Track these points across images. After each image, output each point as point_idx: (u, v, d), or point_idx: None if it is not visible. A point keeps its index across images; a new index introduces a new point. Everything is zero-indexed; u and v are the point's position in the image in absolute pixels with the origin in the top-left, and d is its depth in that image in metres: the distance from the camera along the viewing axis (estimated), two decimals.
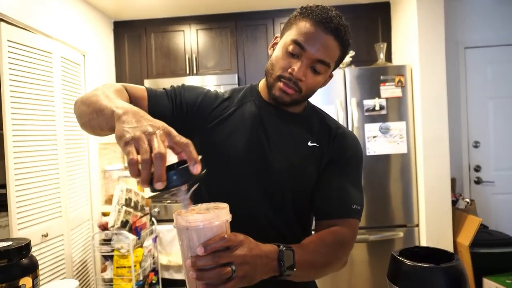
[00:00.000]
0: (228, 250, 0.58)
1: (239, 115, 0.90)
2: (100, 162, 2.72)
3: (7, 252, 0.83)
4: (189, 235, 0.57)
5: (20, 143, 1.89)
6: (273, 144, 0.87)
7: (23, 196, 1.89)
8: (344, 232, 0.82)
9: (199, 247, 0.56)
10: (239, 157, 0.86)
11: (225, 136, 0.87)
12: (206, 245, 0.56)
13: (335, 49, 0.82)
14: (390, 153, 2.43)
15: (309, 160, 0.89)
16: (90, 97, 0.71)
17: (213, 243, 0.57)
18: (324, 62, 0.81)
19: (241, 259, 0.59)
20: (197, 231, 0.57)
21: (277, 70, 0.83)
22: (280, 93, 0.83)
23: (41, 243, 1.98)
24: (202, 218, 0.57)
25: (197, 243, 0.57)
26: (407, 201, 2.44)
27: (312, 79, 0.83)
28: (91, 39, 2.69)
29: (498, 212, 2.91)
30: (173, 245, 2.64)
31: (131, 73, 3.04)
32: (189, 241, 0.58)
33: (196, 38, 3.00)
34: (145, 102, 0.83)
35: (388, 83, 2.44)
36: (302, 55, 0.80)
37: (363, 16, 2.91)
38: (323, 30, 0.79)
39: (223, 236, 0.58)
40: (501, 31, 2.94)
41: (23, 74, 1.93)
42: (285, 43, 0.82)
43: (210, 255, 0.57)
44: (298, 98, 0.85)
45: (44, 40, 2.12)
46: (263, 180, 0.86)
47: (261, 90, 0.94)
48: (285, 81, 0.81)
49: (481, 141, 2.97)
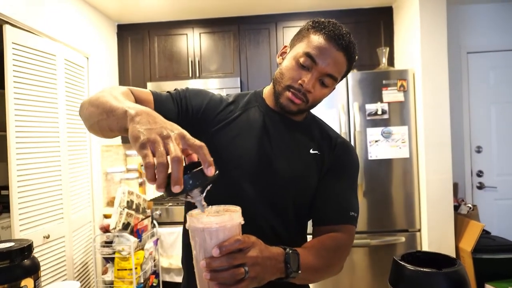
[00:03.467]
0: (241, 252, 0.60)
1: (243, 119, 0.90)
2: (102, 164, 2.73)
3: (9, 253, 0.83)
4: (204, 237, 0.58)
5: (23, 145, 1.90)
6: (277, 150, 0.88)
7: (25, 197, 1.90)
8: (343, 237, 0.85)
9: (215, 249, 0.57)
10: (242, 161, 0.86)
11: (229, 139, 0.88)
12: (221, 247, 0.57)
13: (344, 65, 0.85)
14: (392, 157, 2.43)
15: (311, 167, 0.90)
16: (98, 98, 0.70)
17: (228, 245, 0.58)
18: (333, 76, 0.84)
19: (253, 260, 0.60)
20: (212, 232, 0.58)
21: (287, 80, 0.85)
22: (287, 102, 0.86)
23: (43, 245, 1.98)
24: (217, 220, 0.58)
25: (211, 244, 0.58)
26: (409, 205, 2.44)
27: (320, 91, 0.86)
28: (94, 42, 2.71)
29: (500, 217, 2.90)
30: (174, 248, 2.64)
31: (134, 76, 3.05)
32: (203, 242, 0.58)
33: (199, 42, 3.02)
34: (151, 105, 0.83)
35: (390, 87, 2.44)
36: (312, 68, 0.83)
37: (365, 20, 2.92)
38: (334, 46, 0.82)
39: (237, 238, 0.59)
40: (503, 36, 2.94)
41: (27, 76, 1.95)
42: (297, 54, 0.85)
43: (224, 256, 0.58)
44: (304, 108, 0.88)
45: (48, 43, 2.13)
46: (267, 186, 0.86)
47: (266, 97, 0.95)
48: (294, 92, 0.84)
49: (484, 146, 2.96)
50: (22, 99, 1.91)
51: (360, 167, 2.39)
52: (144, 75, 3.03)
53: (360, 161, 2.40)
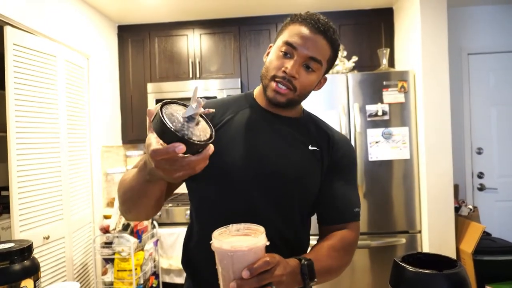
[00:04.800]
0: (268, 272, 0.63)
1: (236, 122, 0.90)
2: (102, 165, 2.73)
3: (9, 253, 0.83)
4: (233, 259, 0.61)
5: (23, 146, 1.90)
6: (275, 150, 0.88)
7: (26, 198, 1.90)
8: (349, 235, 0.89)
9: (245, 271, 0.60)
10: (240, 166, 0.85)
11: (223, 145, 0.86)
12: (251, 269, 0.61)
13: (326, 48, 0.86)
14: (392, 158, 2.43)
15: (312, 164, 0.90)
16: (120, 187, 0.80)
17: (258, 267, 0.61)
18: (316, 59, 0.84)
19: (278, 279, 0.65)
20: (241, 256, 0.61)
21: (271, 71, 0.85)
22: (274, 94, 0.85)
23: (43, 246, 1.98)
24: (247, 244, 0.61)
25: (241, 266, 0.61)
26: (409, 207, 2.43)
27: (306, 77, 0.85)
28: (95, 43, 2.71)
29: (501, 219, 2.89)
30: (174, 249, 2.64)
31: (134, 77, 3.06)
32: (232, 265, 0.61)
33: (199, 43, 3.02)
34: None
35: (391, 88, 2.44)
36: (294, 54, 0.84)
37: (366, 22, 2.92)
38: (312, 30, 0.84)
39: (266, 260, 0.63)
40: (504, 37, 2.94)
41: (27, 77, 1.95)
42: (278, 46, 0.87)
43: (255, 277, 0.61)
44: (294, 97, 0.86)
45: (48, 43, 2.13)
46: (271, 188, 0.86)
47: (257, 97, 0.95)
48: (279, 80, 0.84)
49: (484, 147, 2.95)
50: (22, 100, 1.91)
51: (360, 168, 2.41)
52: (145, 76, 3.03)
53: (360, 162, 2.42)
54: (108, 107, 2.88)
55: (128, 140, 3.06)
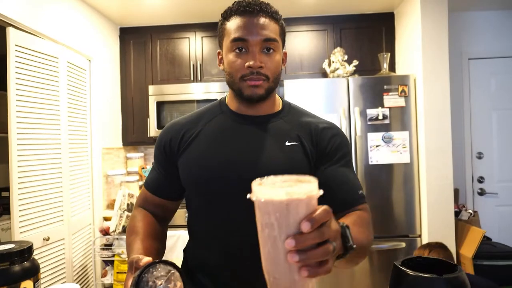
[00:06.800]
0: (327, 225, 0.49)
1: (207, 132, 0.89)
2: (103, 167, 2.73)
3: (9, 254, 0.83)
4: (288, 211, 0.47)
5: (24, 147, 1.91)
6: (250, 153, 0.85)
7: (26, 199, 1.90)
8: (364, 214, 0.82)
9: (305, 223, 0.45)
10: (215, 176, 0.84)
11: (194, 157, 0.87)
12: (311, 219, 0.46)
13: (271, 24, 0.83)
14: (392, 162, 2.43)
15: (292, 160, 0.85)
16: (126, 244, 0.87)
17: (319, 216, 0.46)
18: (270, 38, 0.82)
19: (335, 234, 0.51)
20: (297, 205, 0.47)
21: (237, 73, 0.83)
22: (251, 90, 0.83)
23: (42, 247, 1.98)
24: (305, 190, 0.47)
25: (297, 219, 0.47)
26: (409, 211, 2.43)
27: (270, 60, 0.83)
28: (97, 45, 2.72)
29: (501, 224, 2.89)
30: (174, 251, 2.63)
31: (135, 79, 3.06)
32: (286, 218, 0.47)
33: (201, 45, 3.03)
34: (154, 198, 0.95)
35: (391, 92, 2.44)
36: (248, 46, 0.81)
37: (367, 26, 2.93)
38: (249, 15, 0.82)
39: (326, 208, 0.48)
40: (505, 42, 2.95)
41: (29, 78, 1.95)
42: (228, 47, 0.84)
43: (315, 231, 0.46)
44: (270, 85, 0.84)
45: (50, 45, 2.14)
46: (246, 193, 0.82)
47: (228, 103, 0.93)
48: (249, 77, 0.82)
49: (485, 152, 2.96)
50: (24, 101, 1.91)
51: (360, 171, 2.42)
52: (146, 78, 3.04)
53: (360, 166, 2.43)
54: (109, 109, 2.89)
55: (129, 142, 3.07)
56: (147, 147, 3.25)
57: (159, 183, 0.95)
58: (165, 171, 0.93)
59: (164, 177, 0.93)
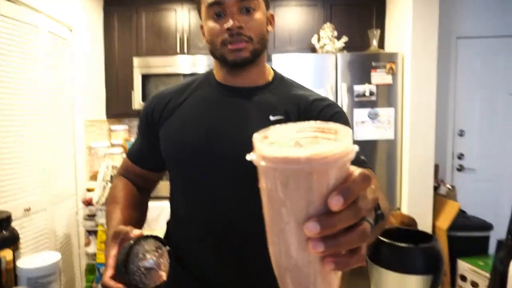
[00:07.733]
0: (361, 198, 0.32)
1: (191, 103, 0.86)
2: (86, 139, 2.69)
3: None
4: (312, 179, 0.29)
5: (5, 117, 1.86)
6: (230, 125, 0.81)
7: (6, 170, 1.86)
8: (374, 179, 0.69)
9: (335, 196, 0.29)
10: (194, 150, 0.81)
11: (175, 128, 0.84)
12: (344, 191, 0.30)
13: None
14: (377, 138, 2.48)
15: None
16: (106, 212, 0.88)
17: (355, 186, 0.30)
18: None
19: (372, 206, 0.35)
20: (327, 170, 0.30)
21: (217, 39, 0.79)
22: (235, 54, 0.78)
23: (24, 218, 1.97)
24: (336, 146, 0.30)
25: (324, 191, 0.30)
26: (390, 184, 2.51)
27: (251, 19, 0.78)
28: (78, 14, 2.61)
29: (477, 198, 3.01)
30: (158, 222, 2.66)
31: (120, 51, 2.97)
32: (307, 191, 0.30)
33: (188, 18, 2.94)
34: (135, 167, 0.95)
35: (379, 69, 2.46)
36: (225, 9, 0.77)
37: (357, 3, 2.88)
38: None
39: (365, 173, 0.32)
40: (493, 22, 2.96)
41: (8, 47, 1.87)
42: (206, 16, 0.81)
43: (349, 208, 0.30)
44: (255, 47, 0.80)
45: (30, 13, 2.04)
46: (229, 170, 0.78)
47: (215, 73, 0.89)
48: (230, 40, 0.77)
49: (466, 130, 3.04)
50: (3, 71, 1.85)
51: None
52: (130, 50, 2.96)
53: None
54: (93, 81, 2.82)
55: (113, 114, 3.01)
56: (132, 119, 3.20)
57: (141, 153, 0.94)
58: (147, 141, 0.92)
59: (146, 147, 0.93)
